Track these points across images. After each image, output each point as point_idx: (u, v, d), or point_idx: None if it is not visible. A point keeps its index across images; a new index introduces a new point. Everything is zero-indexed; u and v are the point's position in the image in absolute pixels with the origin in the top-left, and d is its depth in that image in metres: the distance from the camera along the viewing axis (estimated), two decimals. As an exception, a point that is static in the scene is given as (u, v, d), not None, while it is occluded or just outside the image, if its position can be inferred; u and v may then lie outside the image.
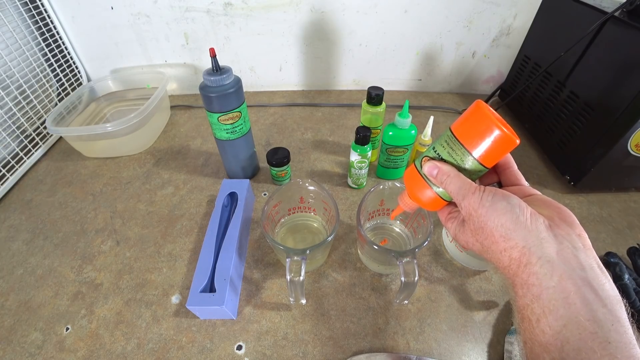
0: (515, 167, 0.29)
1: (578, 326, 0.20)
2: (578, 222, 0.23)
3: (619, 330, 0.19)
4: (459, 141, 0.26)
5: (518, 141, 0.24)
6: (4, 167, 0.61)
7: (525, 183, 0.28)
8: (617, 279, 0.43)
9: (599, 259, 0.22)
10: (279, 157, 0.56)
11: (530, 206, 0.24)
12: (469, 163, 0.26)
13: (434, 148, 0.28)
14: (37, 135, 0.69)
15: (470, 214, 0.25)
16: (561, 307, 0.20)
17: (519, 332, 0.24)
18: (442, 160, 0.27)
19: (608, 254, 0.47)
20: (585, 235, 0.23)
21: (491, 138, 0.24)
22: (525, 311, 0.22)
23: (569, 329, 0.20)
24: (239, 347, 0.39)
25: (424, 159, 0.29)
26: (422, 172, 0.29)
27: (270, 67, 0.85)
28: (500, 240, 0.24)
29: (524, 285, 0.22)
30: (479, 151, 0.25)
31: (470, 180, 0.26)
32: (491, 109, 0.26)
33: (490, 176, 0.30)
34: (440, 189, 0.28)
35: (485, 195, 0.24)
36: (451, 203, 0.29)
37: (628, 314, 0.20)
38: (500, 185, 0.30)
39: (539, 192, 0.27)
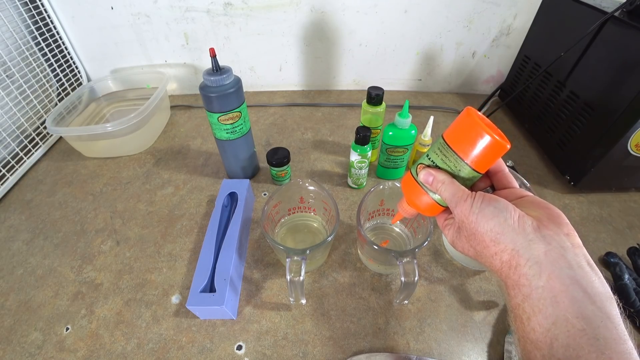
0: (507, 170, 0.29)
1: (566, 324, 0.20)
2: (567, 221, 0.24)
3: (608, 327, 0.20)
4: (451, 148, 0.26)
5: (509, 146, 0.25)
6: (4, 167, 0.61)
7: (517, 185, 0.29)
8: (617, 279, 0.43)
9: (589, 257, 0.22)
10: (279, 157, 0.56)
11: (520, 208, 0.24)
12: (463, 170, 0.26)
13: (428, 156, 0.29)
14: (37, 135, 0.69)
15: (463, 221, 0.26)
16: (550, 305, 0.21)
17: (513, 331, 0.24)
18: (436, 167, 0.28)
19: (608, 254, 0.47)
20: (574, 234, 0.23)
21: (482, 145, 0.25)
22: (517, 310, 0.23)
23: (557, 326, 0.20)
24: (239, 347, 0.39)
25: (419, 166, 0.29)
26: (418, 179, 0.29)
27: (270, 67, 0.85)
28: (490, 245, 0.24)
29: (515, 286, 0.23)
30: (471, 158, 0.26)
31: (463, 187, 0.26)
32: (481, 114, 0.26)
33: (483, 180, 0.30)
34: (437, 196, 0.28)
35: (475, 202, 0.25)
36: (447, 209, 0.30)
37: (620, 309, 0.21)
38: (493, 188, 0.30)
39: (530, 194, 0.27)
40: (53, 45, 0.73)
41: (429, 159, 0.28)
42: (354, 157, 0.53)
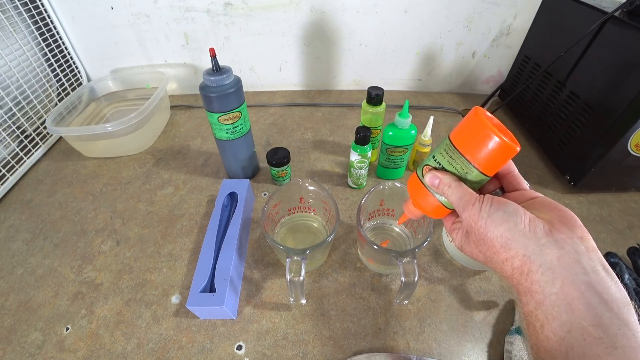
0: (516, 171, 0.28)
1: (582, 332, 0.19)
2: (580, 223, 0.23)
3: (626, 335, 0.19)
4: (458, 151, 0.26)
5: (518, 148, 0.24)
6: (4, 167, 0.61)
7: (527, 187, 0.28)
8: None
9: (604, 261, 0.21)
10: (279, 157, 0.56)
11: (531, 211, 0.24)
12: (470, 173, 0.25)
13: (434, 157, 0.28)
14: (37, 135, 0.69)
15: (471, 226, 0.25)
16: (564, 313, 0.20)
17: (526, 338, 0.23)
18: (443, 169, 0.27)
19: (608, 254, 0.47)
20: (589, 237, 0.22)
21: (491, 147, 0.24)
22: (530, 318, 0.22)
23: (573, 335, 0.20)
24: (239, 347, 0.39)
25: (425, 167, 0.29)
26: (424, 181, 0.28)
27: (270, 67, 0.85)
28: (501, 251, 0.23)
29: (527, 293, 0.22)
30: (479, 161, 0.25)
31: (471, 191, 0.25)
32: (490, 114, 0.25)
33: (492, 182, 0.29)
34: (443, 198, 0.28)
35: (484, 206, 0.24)
36: (455, 211, 0.29)
37: (638, 316, 0.20)
38: (502, 190, 0.29)
39: (541, 195, 0.26)
40: (53, 45, 0.73)
41: (435, 160, 0.28)
42: (354, 157, 0.53)
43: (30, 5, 0.68)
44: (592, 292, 0.20)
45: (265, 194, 0.59)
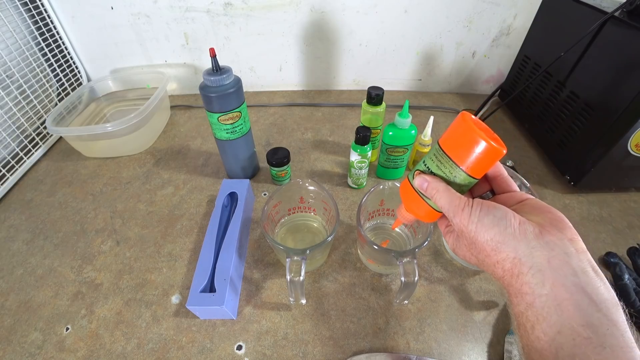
0: (505, 173, 0.29)
1: (572, 332, 0.20)
2: (570, 225, 0.23)
3: (614, 334, 0.19)
4: (446, 154, 0.26)
5: (504, 151, 0.24)
6: (4, 167, 0.61)
7: (517, 189, 0.28)
8: (617, 279, 0.43)
9: (594, 262, 0.22)
10: (279, 157, 0.56)
11: (521, 214, 0.24)
12: (458, 176, 0.26)
13: (424, 162, 0.29)
14: (37, 135, 0.69)
15: (462, 231, 0.25)
16: (554, 314, 0.20)
17: (517, 339, 0.24)
18: (432, 173, 0.27)
19: (608, 254, 0.47)
20: (578, 239, 0.22)
21: (477, 150, 0.24)
22: (521, 318, 0.23)
23: (562, 335, 0.20)
24: (239, 347, 0.39)
25: (415, 172, 0.29)
26: (413, 185, 0.29)
27: (270, 67, 0.85)
28: (492, 254, 0.24)
29: (517, 294, 0.23)
30: (466, 164, 0.25)
31: (459, 195, 0.26)
32: (477, 119, 0.26)
33: (482, 185, 0.30)
34: (433, 202, 0.28)
35: (473, 211, 0.24)
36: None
37: (626, 315, 0.20)
38: (493, 193, 0.30)
39: (531, 197, 0.27)
40: (53, 46, 0.73)
41: (425, 165, 0.28)
42: (354, 157, 0.53)
43: (30, 5, 0.68)
44: (581, 293, 0.20)
45: (265, 194, 0.59)
